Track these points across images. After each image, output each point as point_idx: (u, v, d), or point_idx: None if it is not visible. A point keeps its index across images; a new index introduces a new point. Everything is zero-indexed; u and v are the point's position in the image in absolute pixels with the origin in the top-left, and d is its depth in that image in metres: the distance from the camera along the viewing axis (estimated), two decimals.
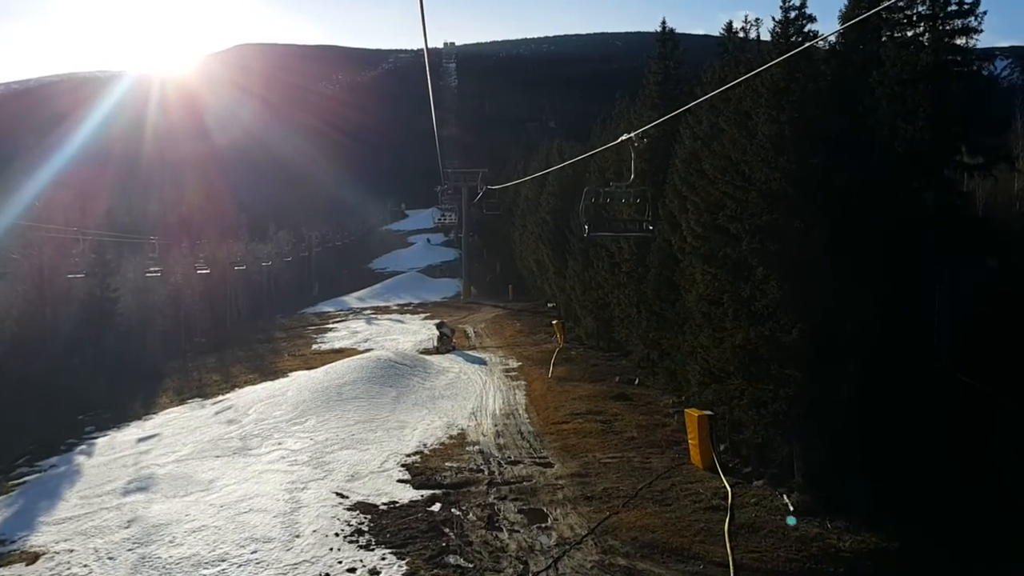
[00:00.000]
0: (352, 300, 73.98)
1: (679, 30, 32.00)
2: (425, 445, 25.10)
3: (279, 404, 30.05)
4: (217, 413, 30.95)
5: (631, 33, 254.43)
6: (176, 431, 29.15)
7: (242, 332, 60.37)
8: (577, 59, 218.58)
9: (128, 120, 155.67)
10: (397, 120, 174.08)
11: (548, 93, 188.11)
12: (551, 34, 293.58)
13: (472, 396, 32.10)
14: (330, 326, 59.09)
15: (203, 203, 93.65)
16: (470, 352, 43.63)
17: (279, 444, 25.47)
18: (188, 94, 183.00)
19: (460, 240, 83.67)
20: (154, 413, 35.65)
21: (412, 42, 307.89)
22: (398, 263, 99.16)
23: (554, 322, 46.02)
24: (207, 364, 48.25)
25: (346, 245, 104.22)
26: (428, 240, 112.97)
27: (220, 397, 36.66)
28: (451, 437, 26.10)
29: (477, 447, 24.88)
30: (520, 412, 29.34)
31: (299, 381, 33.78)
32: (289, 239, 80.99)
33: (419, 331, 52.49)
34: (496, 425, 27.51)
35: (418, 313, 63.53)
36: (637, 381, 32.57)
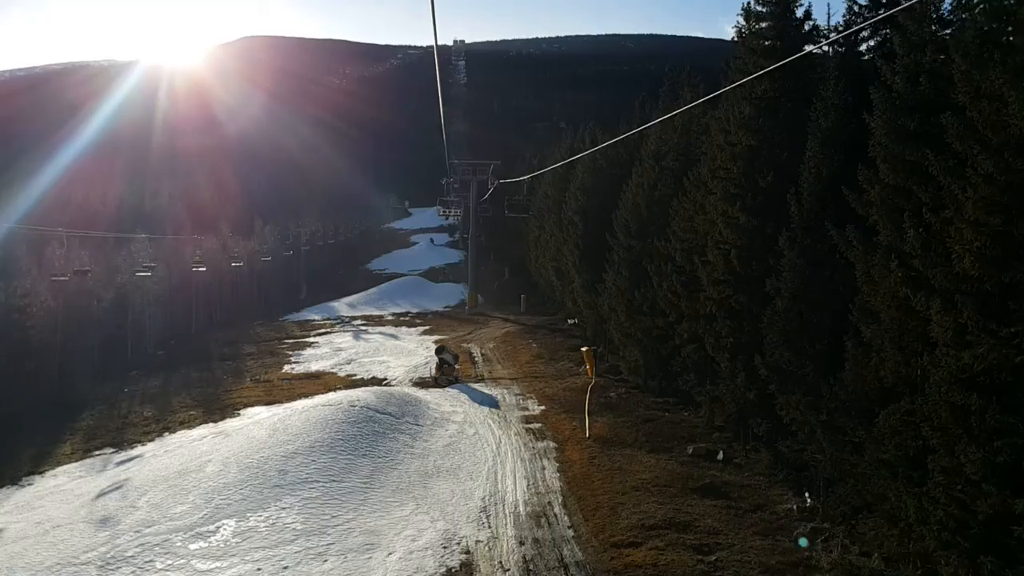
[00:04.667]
0: (342, 307, 62.78)
1: (678, 33, 21.81)
2: None
3: (186, 491, 18.92)
4: (98, 497, 19.88)
5: (643, 35, 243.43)
6: (23, 531, 18.17)
7: (208, 343, 49.33)
8: (588, 59, 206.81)
9: (133, 113, 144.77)
10: (404, 116, 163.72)
11: (558, 93, 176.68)
12: (562, 34, 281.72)
13: (482, 472, 21.14)
14: (311, 339, 48.02)
15: (192, 195, 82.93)
16: (477, 386, 32.68)
17: None
18: (194, 86, 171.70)
19: (466, 241, 72.63)
20: (40, 472, 24.91)
21: (421, 38, 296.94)
22: (398, 264, 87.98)
23: (583, 349, 34.81)
24: (149, 389, 37.26)
25: (341, 243, 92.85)
26: (432, 240, 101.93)
27: (134, 451, 25.84)
28: (449, 574, 15.12)
29: None
30: (556, 511, 18.34)
31: (232, 444, 22.64)
32: (275, 235, 69.74)
33: (415, 351, 41.45)
34: (522, 543, 16.53)
35: (416, 325, 52.40)
36: (722, 455, 21.59)
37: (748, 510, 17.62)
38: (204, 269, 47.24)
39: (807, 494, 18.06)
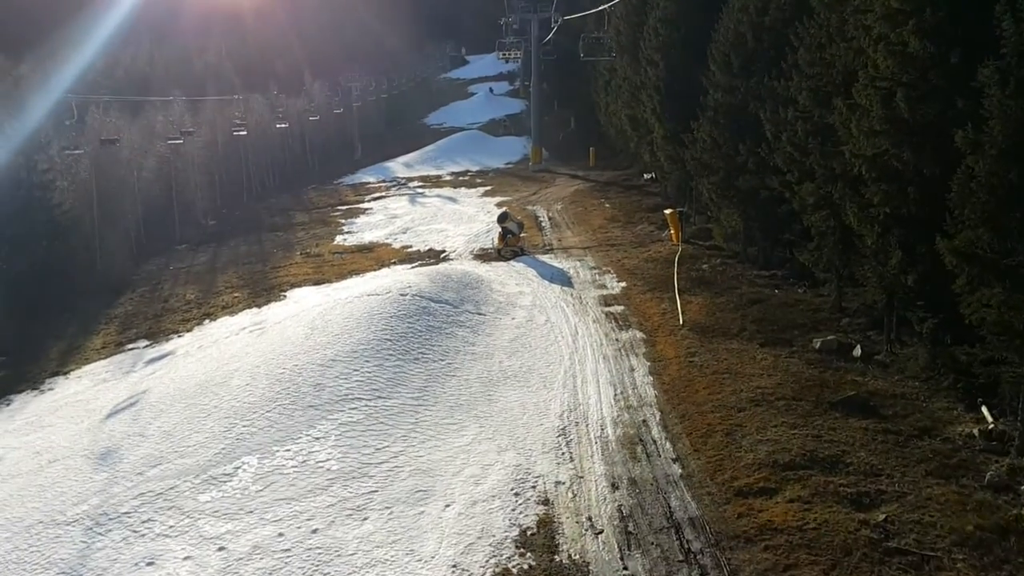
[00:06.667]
0: (398, 167, 58.26)
1: None
2: None
3: (205, 413, 15.48)
4: (108, 417, 16.75)
5: None
6: (18, 464, 15.21)
7: (259, 212, 46.00)
8: None
9: None
10: None
11: None
12: None
13: (557, 376, 17.15)
14: (364, 205, 44.11)
15: (240, 53, 77.61)
16: (545, 258, 28.44)
17: (150, 562, 11.20)
18: None
19: (527, 89, 66.09)
20: (66, 372, 22.27)
21: None
22: (456, 118, 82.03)
23: (666, 211, 30.00)
24: (195, 266, 34.38)
25: (395, 97, 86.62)
26: (491, 89, 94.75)
27: (168, 345, 22.89)
28: (522, 540, 11.39)
29: None
30: (655, 435, 14.30)
31: (265, 345, 19.06)
32: (324, 92, 64.47)
33: (475, 217, 37.05)
34: (615, 486, 12.65)
35: (476, 186, 47.74)
36: (859, 351, 16.99)
37: (911, 435, 13.23)
38: (245, 133, 43.01)
39: (986, 411, 13.56)
